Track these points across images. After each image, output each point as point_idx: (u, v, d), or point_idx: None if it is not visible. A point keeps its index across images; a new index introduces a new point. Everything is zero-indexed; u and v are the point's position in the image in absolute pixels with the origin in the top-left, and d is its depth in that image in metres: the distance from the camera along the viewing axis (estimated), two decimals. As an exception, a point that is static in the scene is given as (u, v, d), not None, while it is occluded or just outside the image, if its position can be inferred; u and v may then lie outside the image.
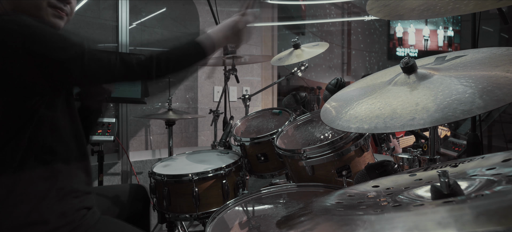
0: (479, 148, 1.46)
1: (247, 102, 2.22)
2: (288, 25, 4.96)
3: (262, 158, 1.65)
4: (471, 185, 0.54)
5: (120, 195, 1.37)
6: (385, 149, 1.55)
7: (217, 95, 3.49)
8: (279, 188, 1.17)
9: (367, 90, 0.87)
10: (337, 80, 1.73)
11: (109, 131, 1.97)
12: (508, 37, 5.15)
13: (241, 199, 1.11)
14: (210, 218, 0.99)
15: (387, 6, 1.07)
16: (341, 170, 1.25)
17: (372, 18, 6.61)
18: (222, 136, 1.89)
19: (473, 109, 0.59)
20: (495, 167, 0.56)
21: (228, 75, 2.22)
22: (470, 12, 0.96)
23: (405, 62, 0.79)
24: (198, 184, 1.42)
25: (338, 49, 6.48)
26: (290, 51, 2.08)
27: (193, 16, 3.33)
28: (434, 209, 0.42)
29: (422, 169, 0.73)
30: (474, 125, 1.54)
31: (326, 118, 0.88)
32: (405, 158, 1.07)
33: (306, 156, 1.27)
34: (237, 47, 1.27)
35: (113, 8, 2.65)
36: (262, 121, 1.87)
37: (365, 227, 0.43)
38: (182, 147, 3.22)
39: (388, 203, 0.55)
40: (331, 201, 0.62)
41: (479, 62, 0.74)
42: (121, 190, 1.41)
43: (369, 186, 0.68)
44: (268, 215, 1.01)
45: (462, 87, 0.65)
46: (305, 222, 0.53)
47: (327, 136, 1.39)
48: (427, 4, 0.97)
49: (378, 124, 0.70)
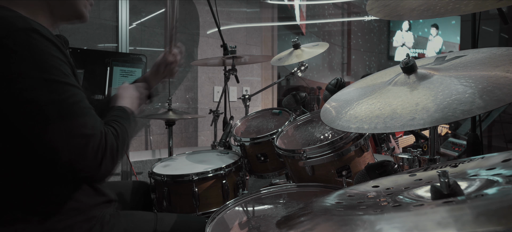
0: (479, 148, 1.46)
1: (247, 102, 2.22)
2: (288, 25, 4.96)
3: (262, 158, 1.65)
4: (471, 185, 0.54)
5: (123, 192, 1.39)
6: (385, 149, 1.55)
7: (217, 95, 3.49)
8: (279, 188, 1.16)
9: (367, 90, 0.87)
10: (337, 80, 1.73)
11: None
12: (508, 37, 5.16)
13: (241, 199, 1.11)
14: (210, 218, 0.99)
15: (387, 6, 1.07)
16: (341, 170, 1.25)
17: (372, 18, 6.61)
18: (222, 136, 1.89)
19: (473, 109, 0.59)
20: (495, 167, 0.56)
21: (228, 75, 2.22)
22: (470, 12, 0.96)
23: (405, 62, 0.79)
24: (198, 184, 1.42)
25: (338, 49, 6.49)
26: (290, 51, 2.08)
27: (193, 16, 3.33)
28: (434, 209, 0.42)
29: (422, 169, 0.73)
30: (474, 125, 1.54)
31: (326, 118, 0.88)
32: (405, 158, 1.07)
33: (306, 156, 1.27)
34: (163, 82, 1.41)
35: (113, 8, 2.65)
36: (262, 121, 1.87)
37: (365, 227, 0.43)
38: (182, 147, 3.22)
39: (388, 203, 0.55)
40: (331, 201, 0.62)
41: (479, 62, 0.74)
42: (123, 186, 1.42)
43: (369, 186, 0.68)
44: (268, 215, 1.01)
45: (462, 87, 0.65)
46: (305, 222, 0.53)
47: (327, 136, 1.39)
48: (427, 4, 0.97)
49: (378, 124, 0.70)
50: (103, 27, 2.61)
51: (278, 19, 4.39)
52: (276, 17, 4.34)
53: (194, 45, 3.34)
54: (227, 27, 3.62)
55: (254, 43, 3.95)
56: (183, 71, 3.26)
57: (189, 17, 3.29)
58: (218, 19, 2.17)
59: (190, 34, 3.30)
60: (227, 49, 2.15)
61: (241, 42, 3.78)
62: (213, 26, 3.31)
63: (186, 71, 3.28)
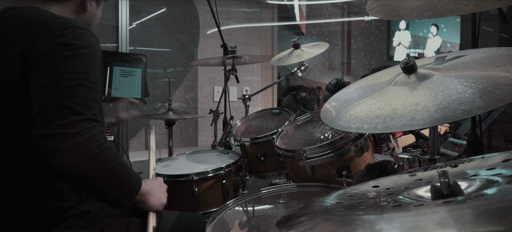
0: (479, 148, 1.46)
1: (247, 102, 2.22)
2: (288, 25, 4.96)
3: (262, 158, 1.65)
4: (471, 185, 0.53)
5: None
6: (385, 149, 1.55)
7: (217, 95, 3.49)
8: (279, 188, 1.16)
9: (367, 90, 0.87)
10: (337, 80, 1.73)
11: (109, 131, 1.97)
12: (508, 37, 5.16)
13: (241, 199, 1.11)
14: (210, 218, 0.99)
15: (387, 6, 1.07)
16: (341, 170, 1.25)
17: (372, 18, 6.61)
18: (222, 136, 1.89)
19: (473, 109, 0.59)
20: (495, 167, 0.56)
21: (228, 75, 2.22)
22: (470, 12, 0.96)
23: (405, 62, 0.79)
24: (198, 184, 1.42)
25: (338, 49, 6.49)
26: (290, 51, 2.08)
27: (193, 16, 3.33)
28: (434, 209, 0.42)
29: (422, 169, 0.73)
30: (474, 125, 1.54)
31: (326, 118, 0.88)
32: (405, 158, 1.07)
33: (306, 156, 1.27)
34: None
35: (113, 8, 2.65)
36: (262, 121, 1.87)
37: (365, 227, 0.43)
38: (182, 147, 3.22)
39: (388, 203, 0.55)
40: (331, 201, 0.62)
41: (479, 62, 0.74)
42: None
43: (369, 186, 0.68)
44: (268, 215, 1.01)
45: (462, 87, 0.65)
46: (305, 222, 0.53)
47: (327, 136, 1.39)
48: (427, 4, 0.97)
49: (378, 124, 0.70)
50: (103, 27, 2.61)
51: (278, 19, 4.38)
52: (276, 17, 4.33)
53: (194, 45, 3.34)
54: (227, 27, 3.62)
55: (254, 43, 3.95)
56: (183, 71, 3.26)
57: (189, 17, 3.29)
58: (218, 19, 2.17)
59: (190, 34, 3.30)
60: (227, 49, 2.15)
61: (241, 42, 3.78)
62: (213, 26, 3.31)
63: (186, 71, 3.28)
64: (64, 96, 0.81)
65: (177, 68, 3.21)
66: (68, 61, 0.84)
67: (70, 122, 0.79)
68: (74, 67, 0.84)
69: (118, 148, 2.60)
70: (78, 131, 0.79)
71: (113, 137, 1.97)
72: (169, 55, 3.14)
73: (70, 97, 0.81)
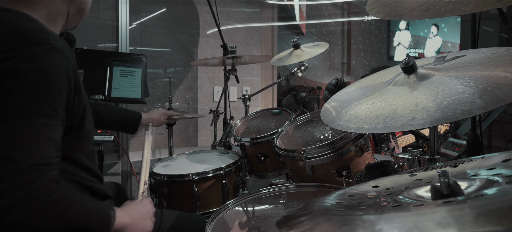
0: (479, 148, 1.46)
1: (247, 102, 2.22)
2: (288, 25, 4.96)
3: (262, 158, 1.65)
4: (471, 185, 0.54)
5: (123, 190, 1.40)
6: (385, 149, 1.55)
7: (217, 95, 3.49)
8: (279, 188, 1.17)
9: (367, 90, 0.87)
10: (337, 80, 1.73)
11: (109, 131, 1.97)
12: (508, 37, 5.15)
13: (241, 199, 1.11)
14: (210, 218, 0.99)
15: (387, 6, 1.07)
16: (341, 170, 1.25)
17: (372, 18, 6.61)
18: (222, 136, 1.89)
19: (473, 109, 0.59)
20: (495, 167, 0.56)
21: (228, 75, 2.22)
22: (470, 12, 0.96)
23: (405, 62, 0.79)
24: (198, 184, 1.42)
25: (338, 49, 6.49)
26: (290, 51, 2.08)
27: (193, 16, 3.33)
28: (434, 209, 0.42)
29: (422, 169, 0.73)
30: (474, 125, 1.54)
31: (326, 118, 0.88)
32: (405, 158, 1.07)
33: (306, 156, 1.27)
34: None
35: (113, 8, 2.65)
36: (262, 121, 1.87)
37: (365, 227, 0.43)
38: (182, 147, 3.22)
39: (388, 203, 0.55)
40: (331, 201, 0.62)
41: (479, 62, 0.74)
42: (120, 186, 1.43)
43: (369, 186, 0.68)
44: (268, 215, 1.01)
45: (462, 87, 0.65)
46: (305, 222, 0.53)
47: (327, 136, 1.39)
48: (427, 4, 0.97)
49: (378, 124, 0.70)
50: (103, 27, 2.61)
51: (278, 19, 4.38)
52: (276, 17, 4.33)
53: (194, 45, 3.34)
54: (227, 27, 3.62)
55: (254, 43, 3.95)
56: (183, 71, 3.26)
57: (189, 17, 3.29)
58: (218, 19, 2.17)
59: (190, 34, 3.30)
60: (227, 49, 2.15)
61: (241, 42, 3.78)
62: (213, 26, 3.31)
63: (186, 71, 3.28)
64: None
65: (177, 68, 3.21)
66: (9, 94, 0.68)
67: (3, 176, 0.64)
68: (16, 102, 0.68)
69: (118, 148, 2.60)
70: (14, 186, 0.64)
71: (113, 137, 1.98)
72: (169, 55, 3.14)
73: (5, 142, 0.66)
